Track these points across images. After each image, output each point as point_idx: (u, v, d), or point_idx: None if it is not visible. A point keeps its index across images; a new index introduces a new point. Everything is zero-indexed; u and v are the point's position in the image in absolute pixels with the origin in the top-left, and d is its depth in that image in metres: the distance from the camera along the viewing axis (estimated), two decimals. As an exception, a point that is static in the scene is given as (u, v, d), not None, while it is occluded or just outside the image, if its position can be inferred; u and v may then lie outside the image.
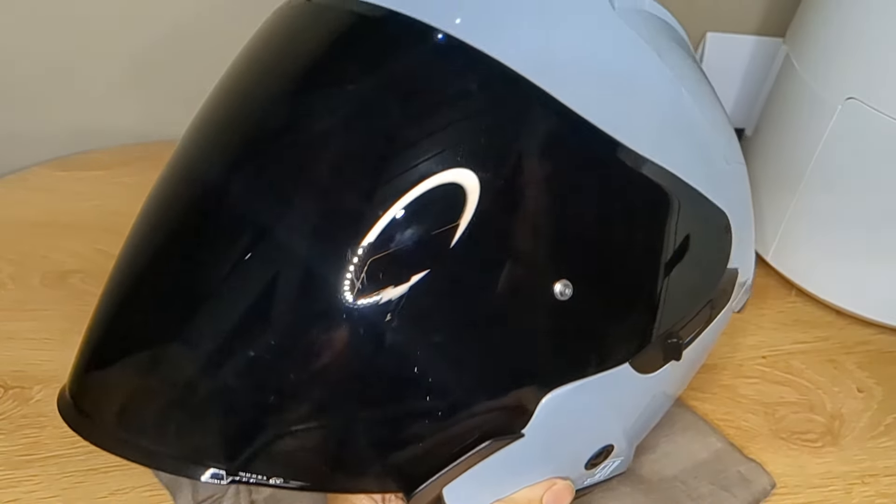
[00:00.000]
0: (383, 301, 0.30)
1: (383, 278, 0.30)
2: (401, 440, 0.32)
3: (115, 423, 0.33)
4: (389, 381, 0.31)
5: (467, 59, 0.31)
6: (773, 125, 0.60)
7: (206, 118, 0.35)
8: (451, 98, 0.31)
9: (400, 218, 0.30)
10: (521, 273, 0.31)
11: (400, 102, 0.31)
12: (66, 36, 0.64)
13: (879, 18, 0.50)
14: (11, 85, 0.65)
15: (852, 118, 0.52)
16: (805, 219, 0.57)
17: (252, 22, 0.41)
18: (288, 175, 0.31)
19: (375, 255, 0.30)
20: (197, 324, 0.32)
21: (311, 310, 0.31)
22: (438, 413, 0.32)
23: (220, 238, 0.32)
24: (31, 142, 0.67)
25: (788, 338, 0.58)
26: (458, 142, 0.31)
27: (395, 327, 0.30)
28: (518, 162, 0.31)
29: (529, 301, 0.32)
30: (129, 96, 0.68)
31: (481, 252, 0.31)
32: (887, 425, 0.53)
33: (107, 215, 0.62)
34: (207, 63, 0.67)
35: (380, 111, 0.31)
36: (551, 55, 0.32)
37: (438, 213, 0.30)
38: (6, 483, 0.45)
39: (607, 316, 0.34)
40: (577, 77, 0.32)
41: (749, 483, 0.47)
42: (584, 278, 0.32)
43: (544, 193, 0.32)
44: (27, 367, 0.51)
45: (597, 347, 0.34)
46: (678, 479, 0.47)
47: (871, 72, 0.51)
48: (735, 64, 0.69)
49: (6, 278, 0.57)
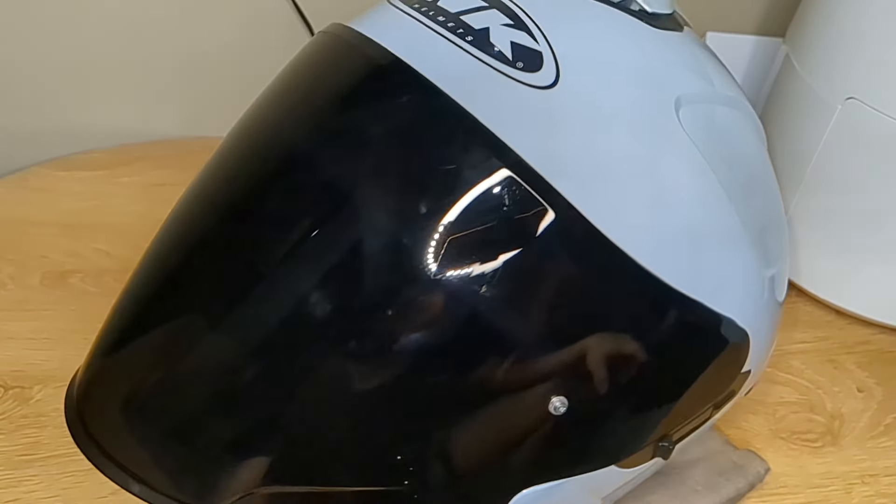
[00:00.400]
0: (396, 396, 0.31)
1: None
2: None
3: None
4: (411, 462, 0.32)
5: (488, 149, 0.30)
6: (773, 125, 0.60)
7: (247, 127, 0.36)
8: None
9: (410, 332, 0.31)
10: (521, 385, 0.32)
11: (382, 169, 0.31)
12: (66, 36, 0.64)
13: (880, 18, 0.50)
14: (12, 85, 0.65)
15: (852, 118, 0.52)
16: (805, 219, 0.57)
17: (252, 23, 0.41)
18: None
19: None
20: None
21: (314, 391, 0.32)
22: (426, 494, 0.33)
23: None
24: (31, 142, 0.67)
25: (788, 338, 0.58)
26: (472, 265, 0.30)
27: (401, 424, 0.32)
28: (529, 281, 0.31)
29: (523, 410, 0.32)
30: (130, 97, 0.68)
31: (484, 361, 0.31)
32: (887, 425, 0.53)
33: (107, 215, 0.62)
34: (208, 63, 0.67)
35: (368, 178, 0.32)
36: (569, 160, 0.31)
37: (449, 330, 0.31)
38: (6, 483, 0.45)
39: (598, 432, 0.34)
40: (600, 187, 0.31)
41: (742, 468, 0.47)
42: (580, 398, 0.32)
43: (554, 318, 0.32)
44: (27, 367, 0.51)
45: (583, 457, 0.34)
46: (674, 468, 0.47)
47: (871, 72, 0.51)
48: (735, 64, 0.69)
49: (6, 278, 0.57)
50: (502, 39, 0.31)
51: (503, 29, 0.31)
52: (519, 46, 0.31)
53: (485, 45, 0.31)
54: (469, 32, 0.31)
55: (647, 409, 0.35)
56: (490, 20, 0.32)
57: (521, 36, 0.31)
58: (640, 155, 0.32)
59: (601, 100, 0.32)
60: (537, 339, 0.31)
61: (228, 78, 0.65)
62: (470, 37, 0.31)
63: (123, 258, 0.58)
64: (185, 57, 0.66)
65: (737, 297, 0.35)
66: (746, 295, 0.35)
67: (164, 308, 0.34)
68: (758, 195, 0.36)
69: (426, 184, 0.31)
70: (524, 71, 0.31)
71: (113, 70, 0.66)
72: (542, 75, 0.31)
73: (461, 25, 0.32)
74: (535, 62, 0.31)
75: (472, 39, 0.31)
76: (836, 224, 0.56)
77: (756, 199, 0.36)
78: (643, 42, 0.34)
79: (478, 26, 0.32)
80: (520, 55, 0.31)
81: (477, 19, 0.32)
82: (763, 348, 0.39)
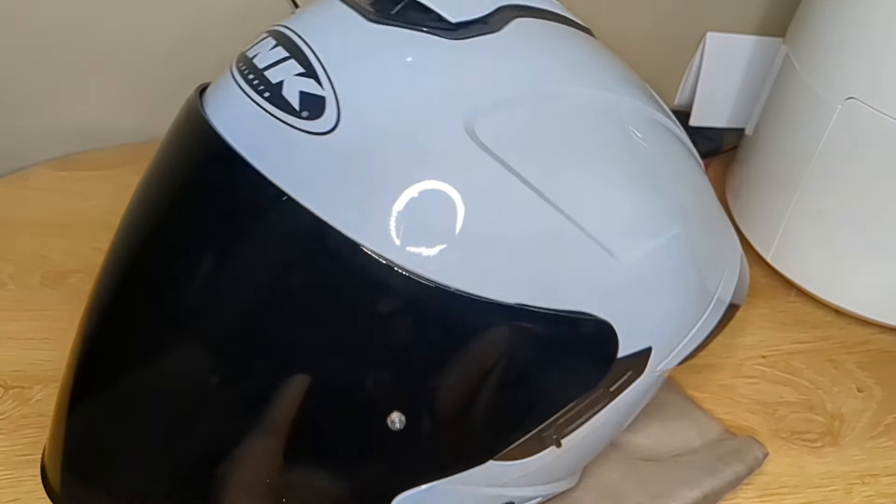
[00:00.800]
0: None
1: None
2: None
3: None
4: (279, 484, 0.35)
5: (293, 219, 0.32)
6: (773, 125, 0.60)
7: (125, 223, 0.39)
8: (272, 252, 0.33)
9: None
10: (358, 404, 0.34)
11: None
12: (66, 36, 0.64)
13: (880, 18, 0.50)
14: (12, 84, 0.65)
15: (852, 118, 0.52)
16: (805, 219, 0.57)
17: (252, 23, 0.41)
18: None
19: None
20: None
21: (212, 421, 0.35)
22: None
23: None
24: (31, 141, 0.67)
25: (788, 338, 0.58)
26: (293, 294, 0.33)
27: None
28: (349, 328, 0.33)
29: (365, 428, 0.34)
30: (130, 96, 0.68)
31: (328, 382, 0.34)
32: (887, 425, 0.53)
33: (107, 215, 0.62)
34: (208, 63, 0.67)
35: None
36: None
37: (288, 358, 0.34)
38: (6, 483, 0.45)
39: (446, 440, 0.35)
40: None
41: (741, 453, 0.48)
42: (416, 412, 0.33)
43: (377, 341, 0.33)
44: (27, 367, 0.51)
45: (437, 464, 0.35)
46: (674, 455, 0.48)
47: (871, 72, 0.51)
48: (735, 64, 0.69)
49: (6, 278, 0.57)
50: (293, 91, 0.33)
51: (295, 79, 0.33)
52: (306, 95, 0.32)
53: (277, 99, 0.33)
54: (268, 88, 0.33)
55: (497, 414, 0.35)
56: (286, 72, 0.33)
57: (309, 84, 0.33)
58: (428, 179, 0.32)
59: (383, 137, 0.32)
60: (363, 363, 0.33)
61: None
62: (268, 93, 0.33)
63: (123, 258, 0.58)
64: (185, 56, 0.66)
65: (577, 290, 0.34)
66: (590, 282, 0.35)
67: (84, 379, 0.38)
68: (601, 177, 0.35)
69: (221, 231, 0.34)
70: (308, 119, 0.32)
71: (113, 70, 0.66)
72: (323, 121, 0.32)
73: (263, 82, 0.34)
74: (318, 109, 0.32)
75: (269, 96, 0.33)
76: (836, 224, 0.56)
77: (597, 181, 0.35)
78: (433, 63, 0.34)
79: (275, 80, 0.33)
80: (306, 104, 0.32)
81: (276, 73, 0.33)
82: (651, 325, 0.38)
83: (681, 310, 0.39)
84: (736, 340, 0.57)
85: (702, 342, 0.42)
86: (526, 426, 0.36)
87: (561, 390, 0.36)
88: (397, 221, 0.31)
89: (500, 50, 0.35)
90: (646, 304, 0.37)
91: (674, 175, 0.39)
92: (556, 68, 0.36)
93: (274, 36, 0.36)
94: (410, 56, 0.34)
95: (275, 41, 0.35)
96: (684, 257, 0.38)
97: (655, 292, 0.37)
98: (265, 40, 0.36)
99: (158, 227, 0.36)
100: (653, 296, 0.37)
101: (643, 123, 0.38)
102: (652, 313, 0.37)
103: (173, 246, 0.35)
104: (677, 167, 0.39)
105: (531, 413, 0.36)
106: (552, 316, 0.33)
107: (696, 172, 0.40)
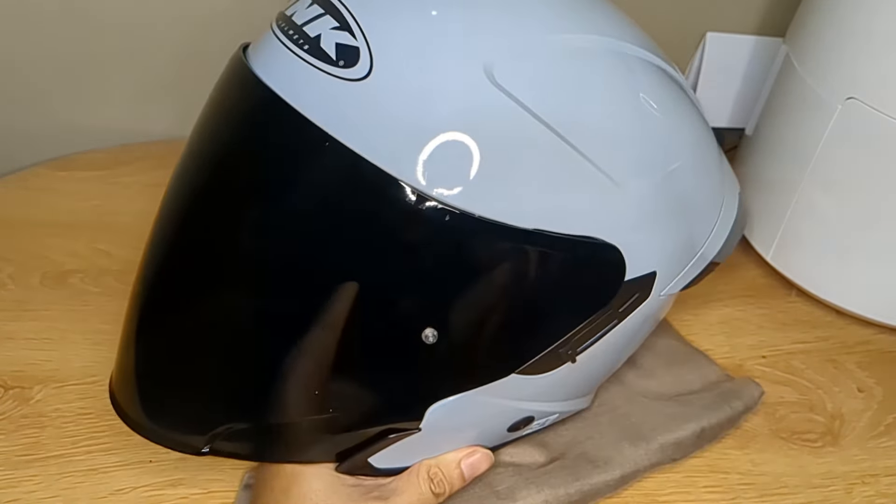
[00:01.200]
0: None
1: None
2: (334, 429, 0.41)
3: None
4: (327, 395, 0.39)
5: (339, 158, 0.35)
6: (773, 125, 0.60)
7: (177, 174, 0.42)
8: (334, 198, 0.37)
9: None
10: (397, 320, 0.38)
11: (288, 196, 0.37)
12: (66, 35, 0.64)
13: (879, 18, 0.50)
14: (12, 84, 0.65)
15: (852, 118, 0.52)
16: (805, 219, 0.57)
17: (252, 22, 0.41)
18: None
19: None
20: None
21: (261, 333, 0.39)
22: (351, 416, 0.40)
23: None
24: (31, 142, 0.67)
25: (788, 338, 0.58)
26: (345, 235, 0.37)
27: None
28: (389, 252, 0.37)
29: (403, 342, 0.38)
30: (130, 97, 0.68)
31: (372, 302, 0.37)
32: (887, 425, 0.53)
33: (107, 215, 0.62)
34: (208, 63, 0.67)
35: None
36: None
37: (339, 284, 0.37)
38: (6, 483, 0.45)
39: (474, 353, 0.39)
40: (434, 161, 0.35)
41: (738, 392, 0.52)
42: (446, 326, 0.37)
43: (412, 271, 0.37)
44: (27, 367, 0.51)
45: (465, 376, 0.39)
46: (677, 397, 0.52)
47: (871, 72, 0.51)
48: (735, 64, 0.69)
49: (6, 278, 0.57)
50: (329, 43, 0.36)
51: (331, 32, 0.37)
52: (342, 46, 0.36)
53: (316, 51, 0.36)
54: (307, 42, 0.37)
55: (518, 330, 0.39)
56: (323, 27, 0.37)
57: (343, 36, 0.36)
58: (452, 119, 0.36)
59: (413, 81, 0.36)
60: (401, 284, 0.37)
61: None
62: (307, 45, 0.37)
63: (123, 258, 0.58)
64: (184, 56, 0.66)
65: (588, 218, 0.38)
66: (599, 211, 0.38)
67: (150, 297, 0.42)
68: (612, 119, 0.38)
69: (274, 169, 0.37)
70: (344, 68, 0.36)
71: (112, 70, 0.66)
72: (358, 69, 0.36)
73: (302, 36, 0.37)
74: (353, 58, 0.36)
75: (308, 48, 0.37)
76: (836, 224, 0.56)
77: (610, 122, 0.38)
78: (455, 13, 0.37)
79: (313, 34, 0.37)
80: (342, 54, 0.36)
81: (313, 28, 0.37)
82: (656, 251, 0.41)
83: (683, 236, 0.42)
84: (736, 340, 0.57)
85: (706, 266, 0.45)
86: (544, 342, 0.39)
87: (575, 309, 0.40)
88: (427, 157, 0.35)
89: (517, 1, 0.38)
90: (650, 231, 0.40)
91: (675, 113, 0.41)
92: (566, 16, 0.39)
93: None
94: (434, 8, 0.37)
95: (310, 0, 0.39)
96: (686, 188, 0.41)
97: (659, 220, 0.40)
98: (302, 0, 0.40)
99: (215, 169, 0.40)
100: (657, 223, 0.40)
101: (648, 68, 0.41)
102: (656, 240, 0.41)
103: (229, 184, 0.39)
104: (678, 106, 0.42)
105: (549, 329, 0.39)
106: (566, 240, 0.37)
107: (695, 112, 0.43)
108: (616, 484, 0.47)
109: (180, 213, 0.41)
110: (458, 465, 0.43)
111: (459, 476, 0.43)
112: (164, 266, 0.41)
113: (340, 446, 0.41)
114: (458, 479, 0.43)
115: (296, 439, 0.41)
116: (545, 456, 0.47)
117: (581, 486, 0.45)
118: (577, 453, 0.47)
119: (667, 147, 0.40)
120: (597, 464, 0.46)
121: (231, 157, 0.39)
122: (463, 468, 0.43)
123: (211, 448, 0.40)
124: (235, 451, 0.41)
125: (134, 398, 0.42)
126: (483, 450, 0.43)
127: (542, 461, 0.46)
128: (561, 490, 0.45)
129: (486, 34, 0.37)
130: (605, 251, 0.38)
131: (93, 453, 0.47)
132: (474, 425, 0.42)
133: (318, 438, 0.41)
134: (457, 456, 0.43)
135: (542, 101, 0.36)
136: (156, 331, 0.41)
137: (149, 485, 0.46)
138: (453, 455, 0.43)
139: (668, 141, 0.41)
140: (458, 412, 0.40)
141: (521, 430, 0.45)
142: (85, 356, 0.52)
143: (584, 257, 0.38)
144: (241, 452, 0.42)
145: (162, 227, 0.41)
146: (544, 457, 0.47)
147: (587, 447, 0.47)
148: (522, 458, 0.46)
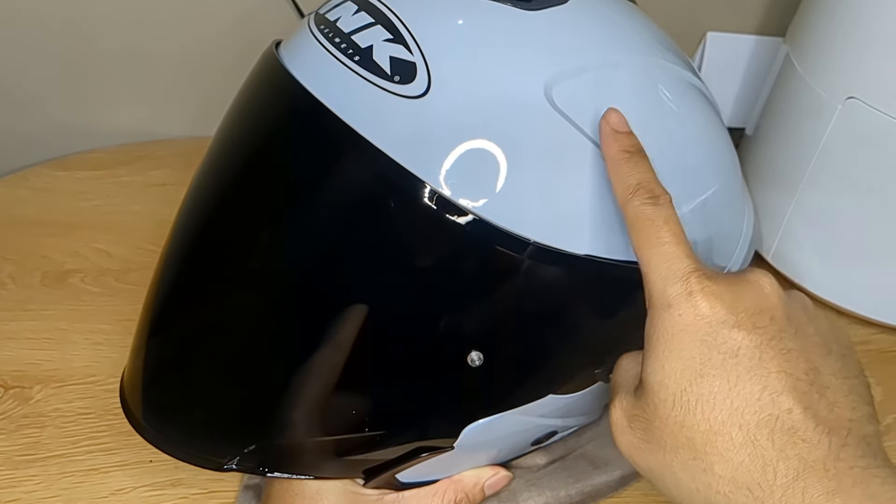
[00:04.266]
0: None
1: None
2: (369, 448, 0.39)
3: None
4: (367, 415, 0.39)
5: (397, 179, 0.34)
6: (773, 125, 0.60)
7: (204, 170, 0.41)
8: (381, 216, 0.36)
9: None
10: (443, 342, 0.37)
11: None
12: (66, 35, 0.64)
13: (880, 18, 0.50)
14: (11, 84, 0.65)
15: (852, 118, 0.52)
16: (805, 219, 0.57)
17: (253, 22, 0.41)
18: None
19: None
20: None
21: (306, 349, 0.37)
22: (390, 436, 0.39)
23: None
24: (31, 141, 0.67)
25: (788, 338, 0.58)
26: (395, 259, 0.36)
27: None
28: (443, 276, 0.36)
29: (448, 364, 0.37)
30: (130, 97, 0.68)
31: (416, 325, 0.37)
32: (887, 425, 0.53)
33: (107, 215, 0.62)
34: (208, 63, 0.67)
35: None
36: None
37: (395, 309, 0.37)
38: (6, 483, 0.45)
39: (515, 377, 0.38)
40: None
41: None
42: (492, 350, 0.36)
43: (463, 291, 0.36)
44: (27, 367, 0.51)
45: (507, 398, 0.39)
46: None
47: (871, 72, 0.51)
48: (735, 64, 0.69)
49: (6, 278, 0.57)
50: (383, 55, 0.35)
51: (384, 45, 0.35)
52: (396, 60, 0.35)
53: (369, 63, 0.35)
54: (357, 52, 0.36)
55: (563, 354, 0.38)
56: (374, 37, 0.36)
57: (398, 50, 0.35)
58: (513, 142, 0.35)
59: (470, 101, 0.35)
60: (450, 308, 0.36)
61: (228, 78, 0.65)
62: (357, 56, 0.36)
63: (123, 258, 0.58)
64: (185, 56, 0.66)
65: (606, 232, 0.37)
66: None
67: (169, 309, 0.40)
68: (668, 145, 0.38)
69: (315, 184, 0.36)
70: (400, 84, 0.35)
71: (113, 69, 0.66)
72: (415, 86, 0.34)
73: (351, 46, 0.36)
74: (409, 74, 0.35)
75: (358, 59, 0.35)
76: (836, 224, 0.56)
77: (665, 145, 0.38)
78: (511, 32, 0.36)
79: (364, 45, 0.36)
80: (397, 69, 0.35)
81: (364, 37, 0.36)
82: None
83: (714, 259, 0.42)
84: (736, 340, 0.57)
85: None
86: (587, 366, 0.39)
87: (618, 333, 0.38)
88: (484, 180, 0.34)
89: (569, 21, 0.37)
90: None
91: (713, 139, 0.41)
92: (614, 36, 0.39)
93: (354, 0, 0.38)
94: (492, 25, 0.36)
95: (356, 6, 0.37)
96: (721, 210, 0.41)
97: (697, 244, 0.39)
98: (344, 4, 0.38)
99: (244, 172, 0.39)
100: (693, 247, 0.40)
101: (693, 92, 0.40)
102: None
103: (259, 188, 0.38)
104: (715, 130, 0.42)
105: (592, 353, 0.39)
106: (614, 266, 0.36)
107: (725, 135, 0.43)
108: (616, 484, 0.47)
109: (207, 209, 0.39)
110: (482, 490, 0.43)
111: (482, 497, 0.43)
112: (195, 271, 0.40)
113: (369, 463, 0.41)
114: (479, 499, 0.43)
115: (327, 456, 0.40)
116: (545, 458, 0.47)
117: (582, 487, 0.45)
118: (577, 455, 0.47)
119: (707, 170, 0.40)
120: (597, 465, 0.46)
121: (263, 158, 0.38)
122: (486, 489, 0.43)
123: (237, 464, 0.39)
124: (260, 465, 0.40)
125: (159, 415, 0.40)
126: (504, 470, 0.44)
127: (543, 463, 0.46)
128: (562, 492, 0.45)
129: (544, 51, 0.36)
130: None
131: (93, 453, 0.47)
132: (503, 441, 0.42)
133: (352, 456, 0.40)
134: (481, 479, 0.43)
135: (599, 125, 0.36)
136: (187, 343, 0.40)
137: (149, 485, 0.46)
138: (477, 477, 0.43)
139: (705, 168, 0.40)
140: (491, 430, 0.39)
141: (542, 444, 0.44)
142: (85, 356, 0.52)
143: (630, 282, 0.36)
144: (267, 468, 0.40)
145: (188, 230, 0.40)
146: (545, 459, 0.47)
147: (587, 449, 0.47)
148: (523, 460, 0.46)
